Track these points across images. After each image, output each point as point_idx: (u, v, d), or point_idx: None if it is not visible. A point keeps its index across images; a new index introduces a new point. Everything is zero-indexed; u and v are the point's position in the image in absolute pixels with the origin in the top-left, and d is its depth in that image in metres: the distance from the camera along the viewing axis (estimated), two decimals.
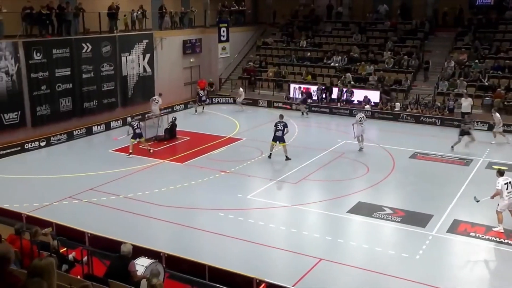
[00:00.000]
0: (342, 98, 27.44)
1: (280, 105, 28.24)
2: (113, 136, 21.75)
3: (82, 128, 22.55)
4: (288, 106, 28.04)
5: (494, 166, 16.66)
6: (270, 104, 28.64)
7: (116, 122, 24.02)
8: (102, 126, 23.41)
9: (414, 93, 26.78)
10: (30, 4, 21.03)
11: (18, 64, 20.19)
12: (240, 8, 34.36)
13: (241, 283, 9.56)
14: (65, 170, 17.75)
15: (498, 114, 21.22)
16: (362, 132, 19.95)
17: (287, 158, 18.62)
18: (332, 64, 30.10)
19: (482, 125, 22.96)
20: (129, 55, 25.38)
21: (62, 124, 22.19)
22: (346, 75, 28.55)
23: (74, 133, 22.13)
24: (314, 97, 28.01)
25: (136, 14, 26.71)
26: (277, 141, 18.63)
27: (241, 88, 28.82)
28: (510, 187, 12.42)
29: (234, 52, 32.31)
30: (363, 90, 27.40)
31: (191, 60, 30.26)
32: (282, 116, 19.41)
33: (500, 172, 12.93)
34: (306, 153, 19.59)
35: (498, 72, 25.95)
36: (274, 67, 31.20)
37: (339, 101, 27.53)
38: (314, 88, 28.37)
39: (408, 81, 27.50)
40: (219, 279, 9.56)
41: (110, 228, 12.51)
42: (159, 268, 8.97)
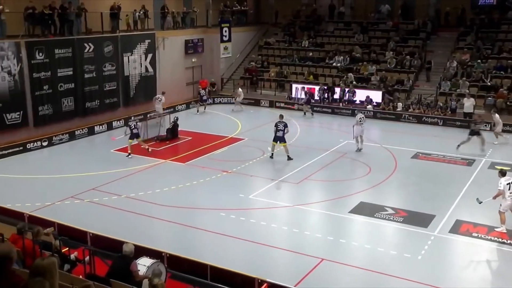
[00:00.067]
0: (344, 98, 27.41)
1: (282, 105, 28.23)
2: (112, 136, 21.75)
3: (84, 128, 22.59)
4: (290, 106, 28.05)
5: (496, 167, 16.63)
6: (272, 104, 28.63)
7: (118, 122, 24.03)
8: (104, 126, 23.43)
9: (416, 93, 26.73)
10: (32, 4, 21.08)
11: (20, 64, 20.23)
12: (242, 8, 34.38)
13: (243, 283, 9.56)
14: (67, 170, 17.78)
15: (497, 115, 21.15)
16: (362, 132, 19.85)
17: (289, 158, 18.61)
18: (334, 64, 30.08)
19: (485, 125, 22.83)
20: (131, 55, 25.40)
21: (64, 124, 22.23)
22: (348, 75, 28.52)
23: (76, 133, 22.17)
24: (316, 97, 28.00)
25: (138, 14, 26.77)
26: (277, 141, 18.63)
27: (240, 88, 28.80)
28: None
29: (236, 52, 32.32)
30: (365, 90, 27.37)
31: (193, 60, 30.27)
32: (282, 116, 19.41)
33: (502, 172, 12.91)
34: (308, 153, 19.58)
35: (501, 72, 25.90)
36: (276, 67, 31.19)
37: (341, 101, 27.50)
38: (316, 88, 28.36)
39: (410, 81, 27.45)
40: (221, 279, 9.57)
41: (112, 228, 12.52)
42: (161, 268, 8.96)
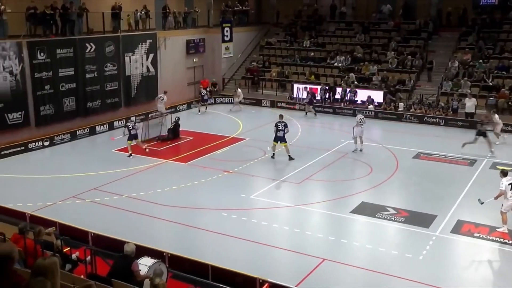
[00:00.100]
0: (346, 98, 27.40)
1: (283, 105, 28.22)
2: (113, 136, 21.72)
3: (86, 128, 22.61)
4: (291, 106, 28.04)
5: (498, 167, 16.62)
6: (273, 104, 28.61)
7: (119, 122, 24.03)
8: (105, 126, 23.45)
9: (418, 93, 26.71)
10: (34, 4, 21.09)
11: (22, 64, 20.25)
12: (243, 8, 34.36)
13: (244, 283, 9.56)
14: (68, 169, 17.79)
15: (497, 116, 21.10)
16: (361, 133, 19.81)
17: (290, 158, 18.61)
18: (335, 64, 30.07)
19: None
20: (132, 55, 25.42)
21: (65, 124, 22.25)
22: (349, 75, 28.50)
23: (78, 132, 22.19)
24: (318, 97, 27.99)
25: (139, 14, 26.78)
26: (278, 141, 18.63)
27: (239, 89, 28.75)
28: None
29: (237, 52, 32.35)
30: (367, 90, 27.35)
31: (195, 60, 30.27)
32: (282, 116, 19.41)
33: (503, 172, 12.88)
34: (309, 153, 19.57)
35: (502, 72, 25.86)
36: (277, 67, 31.19)
37: (343, 101, 27.49)
38: (318, 88, 28.32)
39: (411, 81, 27.43)
40: (222, 279, 9.57)
41: (113, 227, 12.53)
42: (162, 267, 8.97)
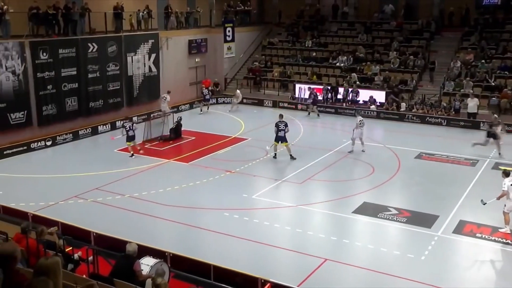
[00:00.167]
0: (348, 98, 27.38)
1: (285, 105, 28.22)
2: (113, 135, 21.74)
3: (88, 127, 22.64)
4: (293, 106, 28.03)
5: (500, 167, 16.59)
6: (275, 104, 28.60)
7: (121, 121, 23.99)
8: (107, 126, 23.48)
9: (420, 93, 26.68)
10: (36, 4, 21.11)
11: (24, 63, 20.28)
12: (245, 8, 34.36)
13: (246, 283, 9.56)
14: (70, 169, 17.82)
15: (496, 116, 21.03)
16: (361, 135, 19.72)
17: (292, 158, 18.61)
18: (337, 64, 30.04)
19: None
20: (134, 55, 25.42)
21: (68, 123, 22.27)
22: (351, 75, 28.47)
23: (80, 132, 22.22)
24: (320, 97, 27.97)
25: (142, 14, 26.79)
26: (279, 141, 18.63)
27: (238, 90, 28.71)
28: None
29: (239, 52, 32.33)
30: (369, 90, 27.32)
31: (197, 60, 30.28)
32: (282, 115, 19.39)
33: (506, 173, 12.84)
34: (311, 153, 19.56)
35: (505, 72, 25.80)
36: (279, 67, 31.18)
37: (345, 101, 27.47)
38: (321, 88, 28.30)
39: (414, 81, 27.39)
40: (224, 279, 9.58)
41: (115, 227, 12.55)
42: (164, 267, 8.98)
